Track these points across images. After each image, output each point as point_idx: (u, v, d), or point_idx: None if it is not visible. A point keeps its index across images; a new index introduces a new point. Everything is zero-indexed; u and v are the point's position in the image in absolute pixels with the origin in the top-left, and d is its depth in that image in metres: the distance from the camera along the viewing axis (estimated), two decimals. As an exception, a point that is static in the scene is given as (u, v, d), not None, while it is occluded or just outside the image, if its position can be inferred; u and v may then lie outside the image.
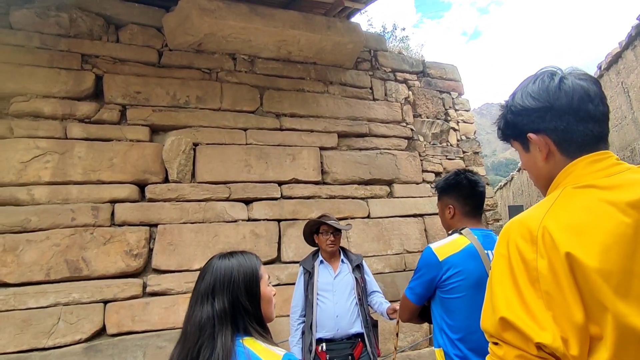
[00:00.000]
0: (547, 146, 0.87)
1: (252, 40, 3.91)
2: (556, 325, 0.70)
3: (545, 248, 0.73)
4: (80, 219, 3.15)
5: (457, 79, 5.38)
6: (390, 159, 4.45)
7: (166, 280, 3.27)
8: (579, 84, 0.85)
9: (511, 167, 28.04)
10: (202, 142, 3.69)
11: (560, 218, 0.76)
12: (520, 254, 0.77)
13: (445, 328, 1.59)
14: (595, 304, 0.70)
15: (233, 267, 1.13)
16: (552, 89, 0.86)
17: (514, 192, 11.61)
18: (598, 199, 0.76)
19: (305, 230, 2.83)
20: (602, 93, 0.86)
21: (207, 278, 1.12)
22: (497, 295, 0.79)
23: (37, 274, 2.95)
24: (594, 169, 0.81)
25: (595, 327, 0.70)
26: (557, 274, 0.72)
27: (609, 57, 7.09)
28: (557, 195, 0.81)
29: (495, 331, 0.78)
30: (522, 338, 0.72)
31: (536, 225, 0.76)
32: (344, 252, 2.81)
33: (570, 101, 0.84)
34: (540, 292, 0.73)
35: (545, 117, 0.86)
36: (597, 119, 0.84)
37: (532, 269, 0.74)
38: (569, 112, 0.84)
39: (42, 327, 2.86)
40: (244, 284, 1.12)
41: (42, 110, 3.25)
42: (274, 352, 1.04)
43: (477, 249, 1.58)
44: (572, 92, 0.84)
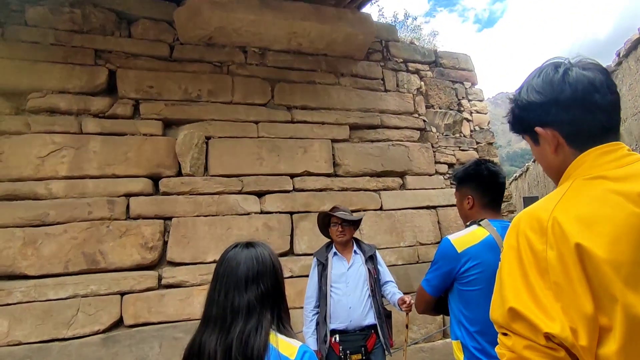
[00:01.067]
0: (555, 139, 0.86)
1: (262, 32, 3.90)
2: (565, 315, 0.70)
3: (555, 239, 0.73)
4: (96, 212, 3.20)
5: (470, 68, 5.29)
6: (403, 150, 4.41)
7: (181, 273, 3.32)
8: (583, 74, 0.84)
9: (526, 157, 27.53)
10: (214, 136, 3.71)
11: (570, 209, 0.75)
12: (529, 245, 0.77)
13: (463, 320, 1.57)
14: (604, 295, 0.70)
15: (271, 255, 1.19)
16: (555, 82, 0.85)
17: (529, 183, 11.42)
18: (609, 190, 0.75)
19: (318, 223, 2.87)
20: (609, 81, 0.84)
21: (249, 265, 1.13)
22: (506, 286, 0.79)
23: (56, 267, 3.03)
24: (604, 160, 0.81)
25: (604, 318, 0.70)
26: (566, 265, 0.72)
27: (627, 43, 6.87)
28: (568, 187, 0.81)
29: (504, 321, 0.78)
30: (530, 328, 0.73)
31: (546, 216, 0.76)
32: (357, 243, 2.81)
33: (575, 93, 0.83)
34: (549, 283, 0.73)
35: (551, 111, 0.86)
36: (604, 109, 0.83)
37: (542, 259, 0.74)
38: (574, 105, 0.83)
39: (62, 318, 2.93)
40: (279, 271, 1.18)
41: (58, 105, 3.31)
42: (290, 344, 1.06)
43: (497, 240, 1.55)
44: (576, 83, 0.83)
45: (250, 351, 1.01)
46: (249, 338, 1.03)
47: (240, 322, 1.06)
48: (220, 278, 1.13)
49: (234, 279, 1.11)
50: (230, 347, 1.02)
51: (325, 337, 2.52)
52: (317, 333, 2.59)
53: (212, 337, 1.05)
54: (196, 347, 1.06)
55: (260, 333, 1.05)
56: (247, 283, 1.10)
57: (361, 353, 2.48)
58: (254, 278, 1.11)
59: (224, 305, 1.08)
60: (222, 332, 1.05)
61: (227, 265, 1.14)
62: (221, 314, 1.08)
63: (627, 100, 6.87)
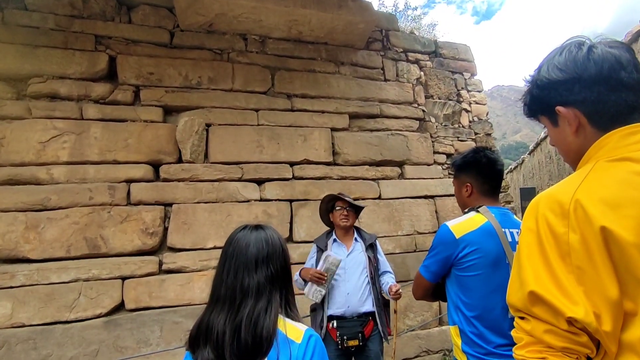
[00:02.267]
0: (576, 119, 0.83)
1: (262, 20, 3.88)
2: (588, 300, 0.69)
3: (578, 222, 0.71)
4: (97, 198, 3.22)
5: (470, 59, 5.29)
6: (402, 140, 4.44)
7: (181, 258, 3.35)
8: (609, 51, 0.80)
9: (521, 150, 27.64)
10: (214, 123, 3.72)
11: (593, 191, 0.73)
12: (550, 228, 0.74)
13: (461, 306, 1.58)
14: (631, 279, 0.67)
15: (280, 238, 1.19)
16: (579, 59, 0.81)
17: (524, 175, 11.50)
18: (634, 172, 0.72)
19: (321, 207, 2.86)
20: (636, 60, 0.81)
21: (259, 246, 1.12)
22: (525, 269, 0.76)
23: (58, 251, 3.05)
24: (629, 142, 0.77)
25: (629, 303, 0.68)
26: (590, 248, 0.69)
27: (628, 35, 6.86)
28: (590, 169, 0.78)
29: (523, 305, 0.76)
30: (552, 312, 0.71)
31: (567, 199, 0.74)
32: (357, 231, 2.82)
33: (600, 70, 0.79)
34: (571, 267, 0.71)
35: (574, 88, 0.82)
36: (630, 87, 0.79)
37: (563, 243, 0.72)
38: (599, 82, 0.79)
39: (64, 301, 2.97)
40: (287, 254, 1.18)
41: (58, 91, 3.30)
42: (297, 327, 1.06)
43: (495, 227, 1.56)
44: (601, 61, 0.79)
45: (260, 331, 1.00)
46: (259, 318, 1.02)
47: (250, 302, 1.05)
48: (230, 258, 1.11)
49: (244, 259, 1.10)
50: (239, 327, 1.01)
51: (322, 322, 2.54)
52: (314, 318, 2.62)
53: (221, 317, 1.04)
54: (204, 327, 1.05)
55: (270, 314, 1.04)
56: (258, 264, 1.09)
57: (358, 339, 2.48)
58: (263, 259, 1.10)
59: (234, 286, 1.07)
60: (231, 311, 1.04)
61: (237, 245, 1.13)
62: (230, 294, 1.06)
63: (624, 93, 6.91)
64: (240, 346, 1.00)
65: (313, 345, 1.03)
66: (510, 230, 1.58)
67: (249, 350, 0.99)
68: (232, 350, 0.99)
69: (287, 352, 1.00)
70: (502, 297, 1.51)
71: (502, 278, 1.51)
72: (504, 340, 1.47)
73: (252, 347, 1.00)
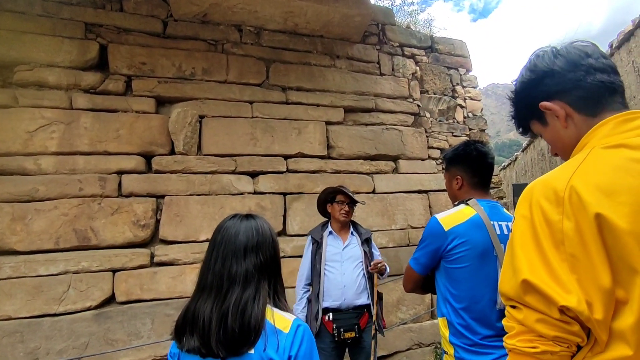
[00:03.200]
0: (562, 109, 0.85)
1: (258, 11, 3.83)
2: (581, 288, 0.68)
3: (572, 209, 0.71)
4: (87, 189, 3.17)
5: (466, 55, 5.28)
6: (396, 134, 4.42)
7: (173, 251, 3.31)
8: (573, 46, 0.87)
9: (515, 148, 27.86)
10: (208, 115, 3.67)
11: (589, 178, 0.72)
12: (544, 215, 0.74)
13: (449, 297, 1.58)
14: (624, 267, 0.67)
15: (270, 228, 1.17)
16: (547, 58, 0.87)
17: (517, 172, 11.58)
18: (630, 159, 0.72)
19: (320, 198, 2.84)
20: (601, 51, 0.85)
21: (248, 235, 1.11)
22: (518, 258, 0.76)
23: (47, 243, 3.00)
24: (624, 129, 0.77)
25: (621, 291, 0.68)
26: (584, 235, 0.69)
27: (620, 35, 6.91)
28: (585, 156, 0.77)
29: (515, 294, 0.75)
30: (544, 301, 0.71)
31: (562, 185, 0.73)
32: (354, 225, 2.83)
33: (567, 61, 0.84)
34: (565, 255, 0.71)
35: (550, 82, 0.86)
36: (602, 69, 0.83)
37: (557, 230, 0.72)
38: (570, 70, 0.84)
39: (53, 293, 2.92)
40: (277, 245, 1.17)
41: (47, 79, 3.23)
42: (285, 317, 1.05)
43: (483, 219, 1.56)
44: (567, 54, 0.85)
45: (248, 319, 0.99)
46: (246, 306, 1.01)
47: (237, 290, 1.03)
48: (218, 246, 1.10)
49: (232, 247, 1.08)
50: (226, 315, 0.99)
51: (317, 315, 2.55)
52: (309, 310, 2.62)
53: (207, 304, 1.02)
54: (190, 315, 1.03)
55: (258, 302, 1.02)
56: (246, 252, 1.08)
57: (354, 331, 2.50)
58: (252, 247, 1.09)
59: (221, 273, 1.05)
60: (217, 299, 1.02)
61: (226, 233, 1.11)
62: (217, 281, 1.04)
63: (617, 92, 6.96)
64: (226, 334, 0.98)
65: (301, 335, 1.02)
66: (499, 223, 1.59)
67: (236, 339, 0.97)
68: (219, 339, 0.98)
69: (274, 341, 0.99)
70: (489, 289, 1.53)
71: (490, 270, 1.52)
72: (491, 331, 1.48)
73: (239, 336, 0.98)
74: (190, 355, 1.01)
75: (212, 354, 0.98)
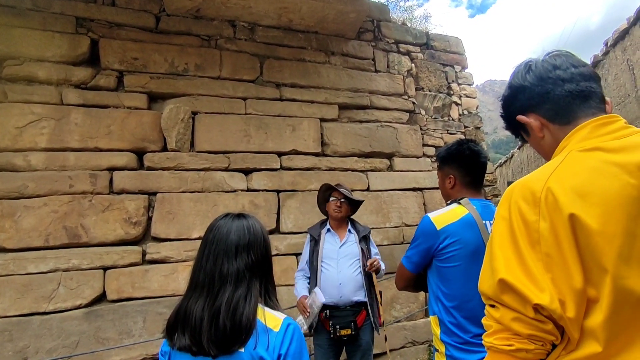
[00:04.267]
0: (537, 120, 0.90)
1: (252, 6, 3.79)
2: (554, 287, 0.71)
3: (548, 210, 0.73)
4: (78, 186, 3.13)
5: (461, 52, 5.26)
6: (391, 132, 4.40)
7: (165, 249, 3.29)
8: (545, 60, 0.93)
9: (511, 145, 27.95)
10: (201, 111, 3.64)
11: (564, 180, 0.75)
12: (521, 216, 0.76)
13: (441, 296, 1.59)
14: (595, 266, 0.69)
15: (261, 227, 1.18)
16: (520, 74, 0.94)
17: (513, 170, 11.61)
18: (605, 161, 0.74)
19: (318, 196, 2.88)
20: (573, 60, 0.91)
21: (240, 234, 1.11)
22: (496, 257, 0.78)
23: (36, 240, 2.96)
24: (601, 132, 0.80)
25: (592, 290, 0.70)
26: (558, 235, 0.71)
27: (615, 33, 6.92)
28: (562, 159, 0.80)
29: (493, 293, 0.78)
30: (520, 300, 0.73)
31: (539, 187, 0.76)
32: (352, 223, 2.83)
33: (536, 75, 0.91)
34: (540, 254, 0.73)
35: (522, 97, 0.93)
36: (569, 79, 0.87)
37: (534, 230, 0.74)
38: (539, 84, 0.90)
39: (42, 291, 2.89)
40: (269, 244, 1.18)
41: (36, 74, 3.18)
42: (275, 316, 1.05)
43: (475, 218, 1.57)
44: (536, 69, 0.92)
45: (239, 317, 0.99)
46: (238, 304, 1.01)
47: (228, 288, 1.04)
48: (210, 245, 1.10)
49: (224, 246, 1.09)
50: (218, 313, 1.00)
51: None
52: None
53: (199, 303, 1.03)
54: (182, 313, 1.04)
55: (250, 301, 1.03)
56: (238, 251, 1.09)
57: (350, 328, 2.50)
58: (244, 247, 1.10)
59: (212, 272, 1.06)
60: (209, 297, 1.03)
61: (218, 232, 1.12)
62: (209, 280, 1.05)
63: (612, 90, 6.97)
64: (218, 332, 0.98)
65: (291, 334, 1.02)
66: (491, 222, 1.59)
67: (227, 337, 0.98)
68: (210, 337, 0.98)
69: (265, 340, 0.99)
70: None
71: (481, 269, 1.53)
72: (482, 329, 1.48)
73: (231, 334, 0.98)
74: (181, 353, 1.03)
75: (203, 352, 0.99)
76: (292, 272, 3.62)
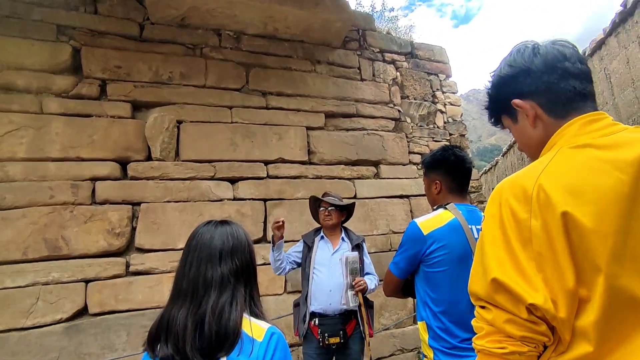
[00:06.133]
0: (532, 110, 0.86)
1: (237, 15, 3.79)
2: (547, 286, 0.69)
3: (540, 208, 0.71)
4: (59, 196, 3.05)
5: (445, 60, 5.35)
6: (377, 139, 4.43)
7: (150, 260, 3.22)
8: (553, 46, 0.87)
9: (496, 152, 28.49)
10: (186, 120, 3.60)
11: (556, 177, 0.73)
12: (513, 214, 0.74)
13: (429, 301, 1.59)
14: (588, 265, 0.68)
15: (245, 234, 1.16)
16: (527, 55, 0.88)
17: (498, 177, 11.78)
18: (595, 158, 0.73)
19: (310, 208, 2.91)
20: (579, 55, 0.86)
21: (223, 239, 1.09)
22: (488, 256, 0.76)
23: (14, 253, 2.86)
24: (590, 129, 0.79)
25: (583, 290, 0.69)
26: (550, 234, 0.70)
27: (592, 43, 7.13)
28: (553, 155, 0.78)
29: (485, 293, 0.76)
30: (513, 300, 0.71)
31: (531, 184, 0.74)
32: (345, 231, 2.84)
33: (545, 61, 0.85)
34: (532, 253, 0.71)
35: (525, 81, 0.87)
36: (576, 75, 0.84)
37: (525, 229, 0.72)
38: (546, 72, 0.84)
39: (20, 306, 2.79)
40: (253, 250, 1.16)
41: (15, 83, 3.11)
42: (259, 325, 1.03)
43: (462, 223, 1.58)
44: (546, 54, 0.86)
45: (226, 323, 0.97)
46: (224, 309, 0.99)
47: (213, 294, 1.01)
48: (193, 251, 1.08)
49: (207, 252, 1.07)
50: (203, 319, 0.97)
51: (304, 318, 2.55)
52: (298, 312, 2.62)
53: (182, 311, 1.00)
54: (164, 322, 1.01)
55: (236, 307, 1.01)
56: (222, 256, 1.06)
57: (339, 337, 2.48)
58: (228, 252, 1.08)
59: (196, 278, 1.04)
60: (193, 304, 1.00)
61: (200, 238, 1.10)
62: (193, 287, 1.03)
63: (590, 98, 7.15)
64: (203, 340, 0.96)
65: (274, 344, 1.00)
66: (477, 227, 1.60)
67: (212, 344, 0.95)
68: (194, 344, 0.95)
69: (248, 349, 0.97)
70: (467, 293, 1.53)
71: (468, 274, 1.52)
72: (469, 334, 1.49)
73: (216, 340, 0.96)
74: None
75: None
76: (280, 282, 3.59)
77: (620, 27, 5.69)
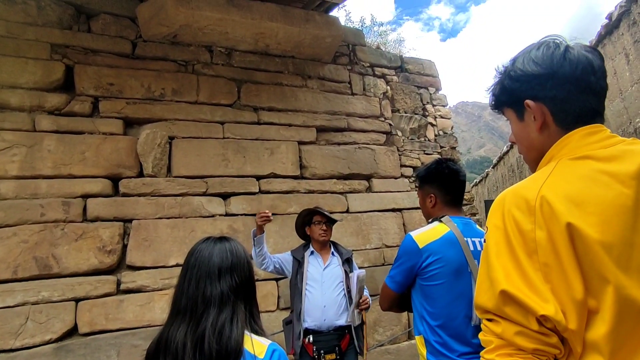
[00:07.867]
0: (543, 115, 0.83)
1: (229, 32, 3.85)
2: (555, 297, 0.68)
3: (544, 218, 0.71)
4: (50, 214, 3.03)
5: (435, 74, 5.45)
6: (369, 153, 4.47)
7: (141, 277, 3.19)
8: (584, 54, 0.82)
9: (485, 164, 28.77)
10: (178, 136, 3.62)
11: (558, 188, 0.73)
12: (517, 225, 0.73)
13: (426, 315, 1.58)
14: (595, 276, 0.68)
15: (244, 250, 1.16)
16: (556, 57, 0.82)
17: (488, 188, 11.88)
18: (596, 170, 0.73)
19: (297, 222, 2.85)
20: (604, 68, 0.83)
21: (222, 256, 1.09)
22: (494, 268, 0.74)
23: (4, 272, 2.83)
24: (589, 141, 0.79)
25: (592, 301, 0.68)
26: (556, 245, 0.69)
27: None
28: (554, 167, 0.78)
29: (494, 306, 0.74)
30: (523, 312, 0.69)
31: (533, 195, 0.73)
32: (334, 245, 2.83)
33: (574, 71, 0.80)
34: (538, 264, 0.70)
35: (547, 84, 0.82)
36: (596, 92, 0.82)
37: (530, 240, 0.71)
38: (570, 81, 0.80)
39: (9, 327, 2.74)
40: (252, 267, 1.16)
41: (8, 101, 3.11)
42: (260, 342, 1.03)
43: (457, 236, 1.58)
44: (576, 61, 0.81)
45: (227, 341, 0.96)
46: (224, 327, 0.98)
47: (212, 312, 1.00)
48: (191, 268, 1.07)
49: (206, 269, 1.06)
50: (202, 337, 0.96)
51: (299, 335, 2.52)
52: (289, 331, 2.59)
53: (181, 329, 0.99)
54: (163, 341, 0.99)
55: (237, 324, 1.00)
56: (221, 273, 1.06)
57: (335, 353, 2.47)
58: (227, 269, 1.07)
59: (195, 296, 1.03)
60: (192, 322, 1.00)
61: (199, 255, 1.09)
62: (192, 304, 1.02)
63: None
64: (202, 358, 0.95)
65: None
66: (472, 239, 1.60)
67: None
68: None
69: None
70: (464, 306, 1.54)
71: (464, 287, 1.53)
72: (467, 348, 1.48)
73: (217, 359, 0.95)
74: None
75: None
76: (273, 298, 3.57)
77: (606, 39, 5.85)
